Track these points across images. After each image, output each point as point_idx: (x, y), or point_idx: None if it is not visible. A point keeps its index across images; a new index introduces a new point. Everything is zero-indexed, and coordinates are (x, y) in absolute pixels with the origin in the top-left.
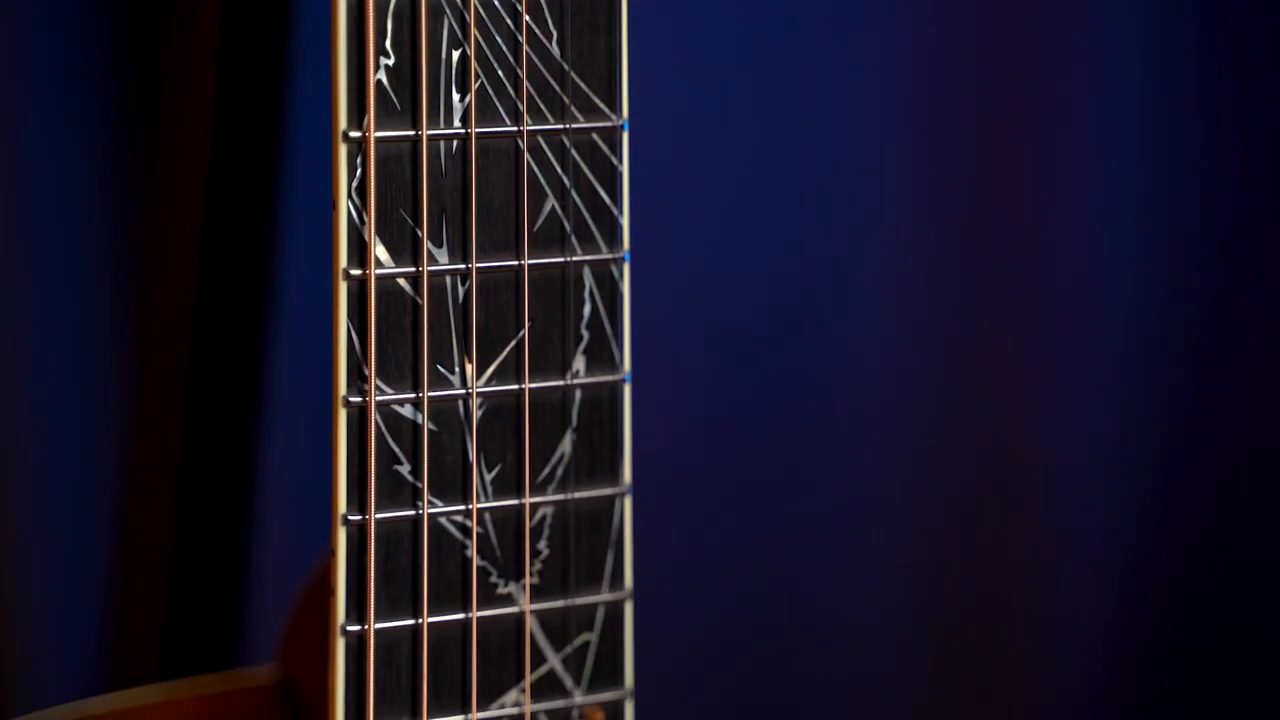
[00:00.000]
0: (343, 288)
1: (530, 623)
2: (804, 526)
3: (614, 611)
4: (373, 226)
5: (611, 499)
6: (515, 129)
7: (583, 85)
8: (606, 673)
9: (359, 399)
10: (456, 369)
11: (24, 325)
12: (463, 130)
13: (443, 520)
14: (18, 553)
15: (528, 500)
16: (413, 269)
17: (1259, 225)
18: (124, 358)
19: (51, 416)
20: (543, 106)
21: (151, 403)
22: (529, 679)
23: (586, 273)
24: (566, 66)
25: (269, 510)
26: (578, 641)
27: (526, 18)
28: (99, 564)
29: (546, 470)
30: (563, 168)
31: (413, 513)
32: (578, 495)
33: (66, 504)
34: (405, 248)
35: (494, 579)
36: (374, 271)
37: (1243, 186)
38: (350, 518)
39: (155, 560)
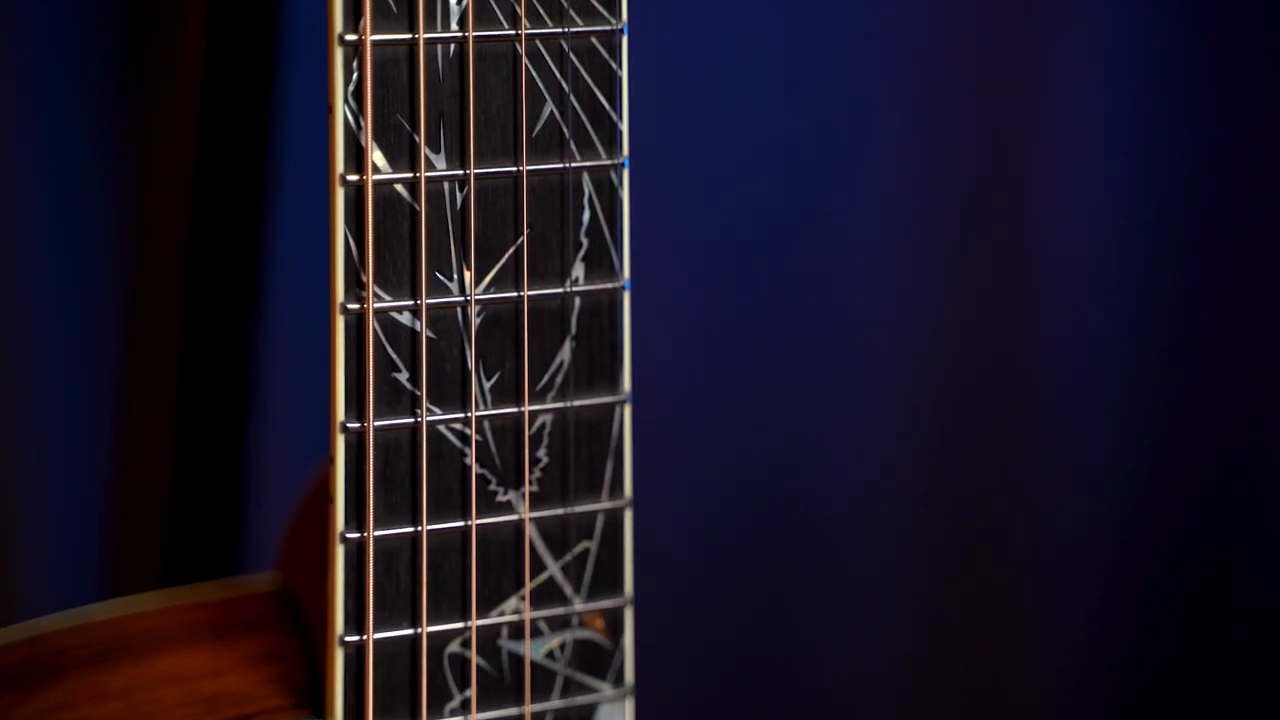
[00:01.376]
0: (339, 194)
1: (530, 530)
2: (804, 436)
3: (614, 520)
4: (369, 132)
5: (611, 407)
6: (513, 33)
7: None
8: (606, 581)
9: (357, 306)
10: (455, 276)
11: (21, 231)
12: (460, 34)
13: (441, 428)
14: (18, 462)
15: (527, 408)
16: (410, 175)
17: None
18: (121, 268)
19: (50, 326)
20: (541, 10)
21: (149, 312)
22: (528, 586)
23: (585, 179)
24: None
25: (268, 418)
26: (577, 549)
27: None
28: (99, 473)
29: (546, 378)
30: (561, 73)
31: (411, 420)
32: (577, 403)
33: (66, 414)
34: (402, 153)
35: (493, 487)
36: (371, 177)
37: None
38: (349, 425)
39: (155, 469)
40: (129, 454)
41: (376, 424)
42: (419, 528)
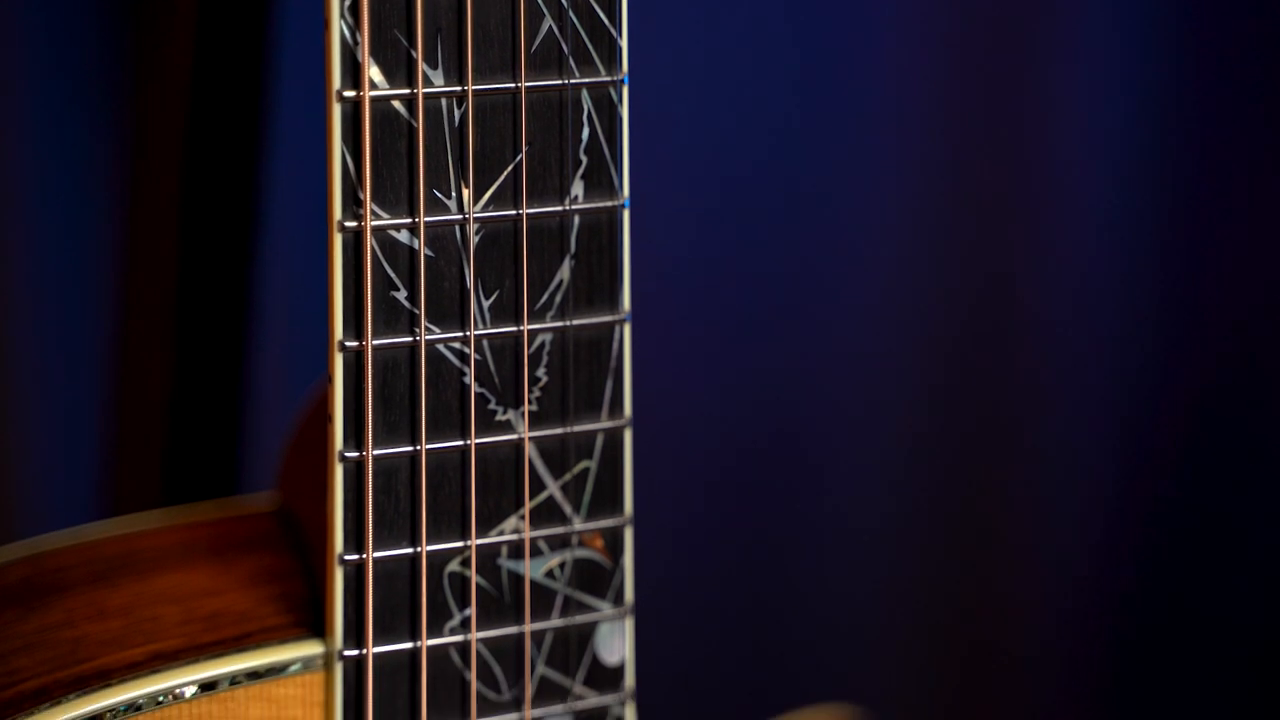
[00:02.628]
0: (336, 110)
1: (529, 450)
2: (804, 356)
3: (613, 439)
4: (366, 47)
5: (611, 326)
6: None
7: None
8: (606, 500)
9: (354, 224)
10: (453, 194)
11: (20, 145)
12: None
13: (440, 347)
14: (18, 383)
15: (526, 327)
16: (408, 91)
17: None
18: (118, 189)
19: (48, 246)
20: None
21: (147, 231)
22: (528, 506)
23: (585, 96)
24: None
25: (267, 338)
26: (577, 469)
27: None
28: (98, 393)
29: (545, 297)
30: None
31: (410, 339)
32: (576, 322)
33: (65, 333)
34: (400, 69)
35: (492, 406)
36: (368, 94)
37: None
38: (347, 344)
39: (154, 389)
40: (128, 374)
41: (375, 343)
42: (418, 447)
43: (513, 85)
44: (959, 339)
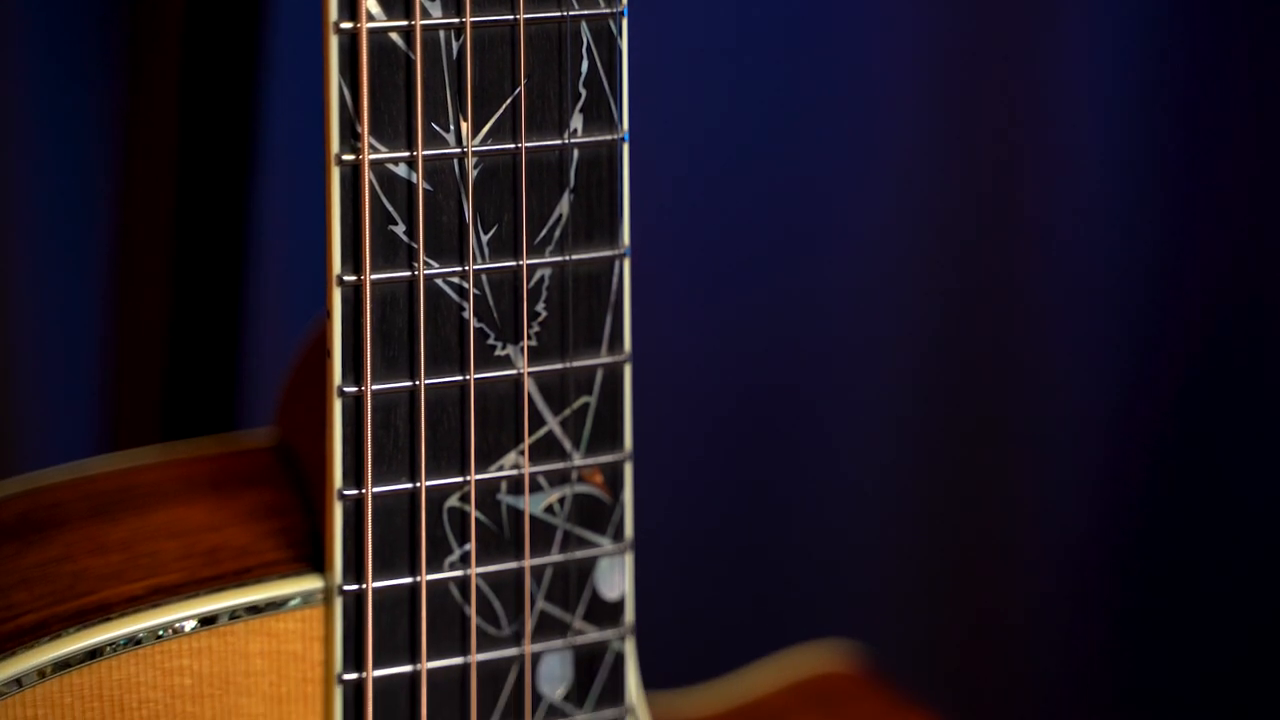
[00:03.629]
0: (333, 42)
1: (528, 385)
2: (805, 290)
3: (613, 374)
4: None
5: (610, 261)
6: None
7: None
8: (605, 435)
9: (352, 158)
10: (451, 127)
11: (16, 75)
12: None
13: (439, 282)
14: (15, 318)
15: (525, 262)
16: (405, 22)
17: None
18: (115, 124)
19: (44, 179)
20: None
21: (144, 166)
22: (527, 441)
23: (584, 28)
24: None
25: (265, 274)
26: (576, 404)
27: None
28: (98, 328)
29: (544, 231)
30: None
31: (408, 274)
32: (576, 257)
33: (62, 269)
34: (397, 0)
35: (491, 341)
36: (365, 25)
37: None
38: (345, 279)
39: (152, 325)
40: (126, 309)
41: (373, 277)
42: (416, 382)
43: (511, 17)
44: (962, 278)
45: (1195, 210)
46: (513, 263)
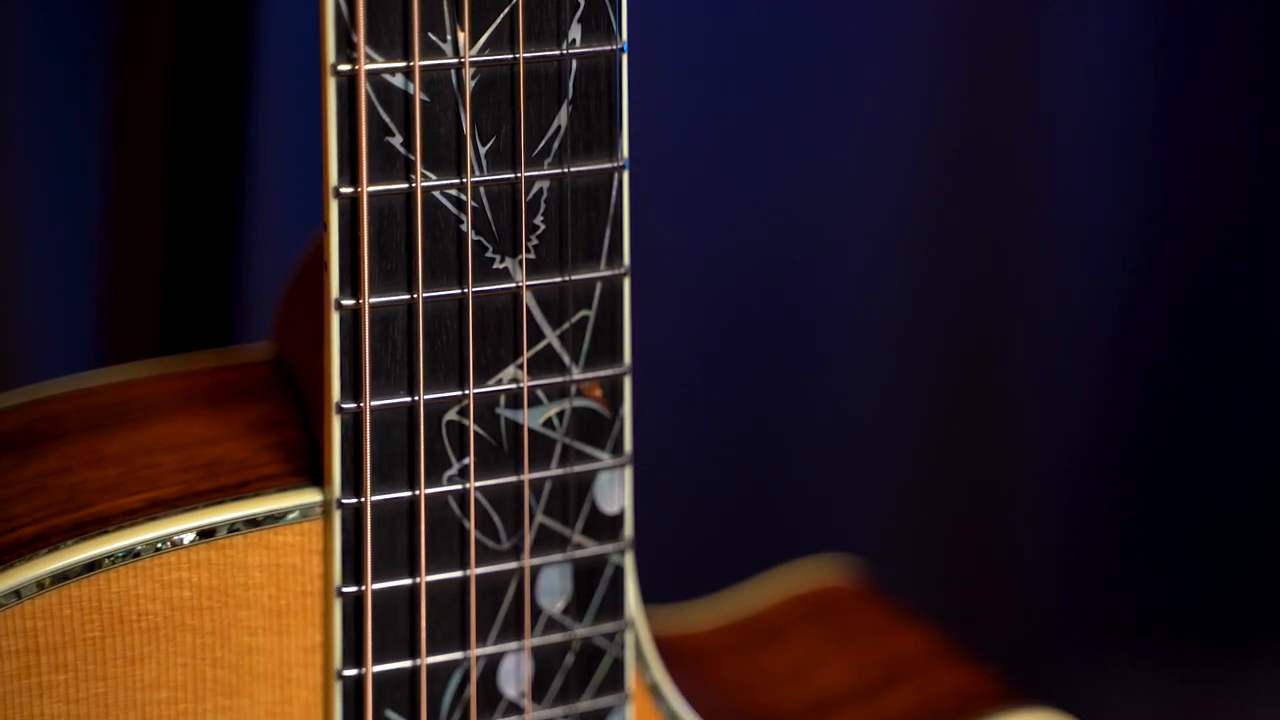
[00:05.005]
0: None
1: (527, 298)
2: (805, 200)
3: (612, 288)
4: None
5: (609, 173)
6: None
7: None
8: (604, 349)
9: (348, 68)
10: (448, 37)
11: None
12: None
13: (436, 194)
14: (12, 232)
15: (523, 174)
16: None
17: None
18: (110, 35)
19: (41, 95)
20: None
21: (138, 77)
22: (526, 355)
23: None
24: None
25: (262, 187)
26: (575, 318)
27: None
28: (95, 242)
29: (542, 144)
30: None
31: (406, 186)
32: (574, 169)
33: (60, 184)
34: None
35: (490, 254)
36: None
37: None
38: (342, 190)
39: (149, 239)
40: (123, 224)
41: (370, 189)
42: (414, 295)
43: None
44: (963, 199)
45: (1198, 119)
46: (511, 175)
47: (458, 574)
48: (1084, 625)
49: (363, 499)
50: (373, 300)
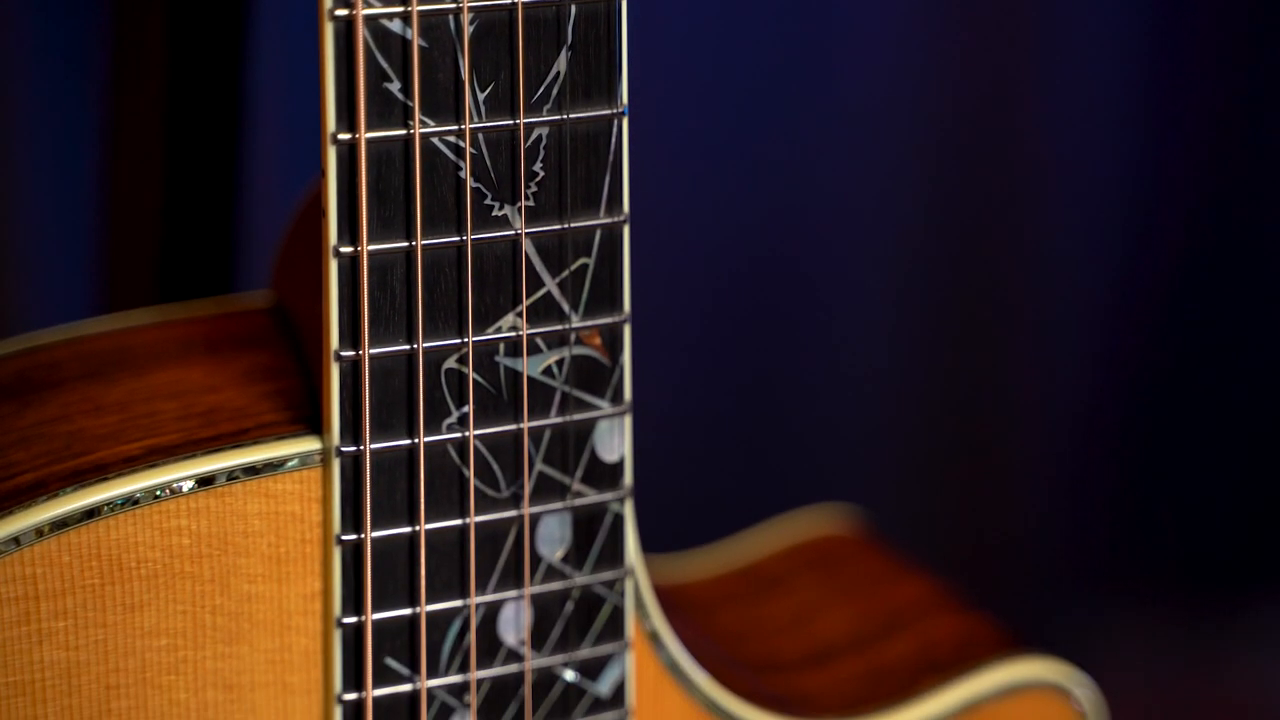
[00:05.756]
0: None
1: (526, 246)
2: (806, 145)
3: (611, 235)
4: None
5: (609, 120)
6: None
7: None
8: (604, 297)
9: (346, 12)
10: None
11: None
12: None
13: (435, 141)
14: (12, 177)
15: (522, 120)
16: None
17: None
18: None
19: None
20: None
21: (136, 22)
22: (525, 303)
23: None
24: None
25: (261, 134)
26: (575, 266)
27: None
28: (94, 190)
29: (541, 90)
30: None
31: (404, 132)
32: (574, 116)
33: (58, 132)
34: None
35: (489, 201)
36: None
37: None
38: (340, 137)
39: (148, 186)
40: (122, 170)
41: (368, 136)
42: (413, 242)
43: None
44: (962, 144)
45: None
46: (510, 122)
47: (457, 522)
48: (1082, 574)
49: (362, 447)
50: (371, 247)
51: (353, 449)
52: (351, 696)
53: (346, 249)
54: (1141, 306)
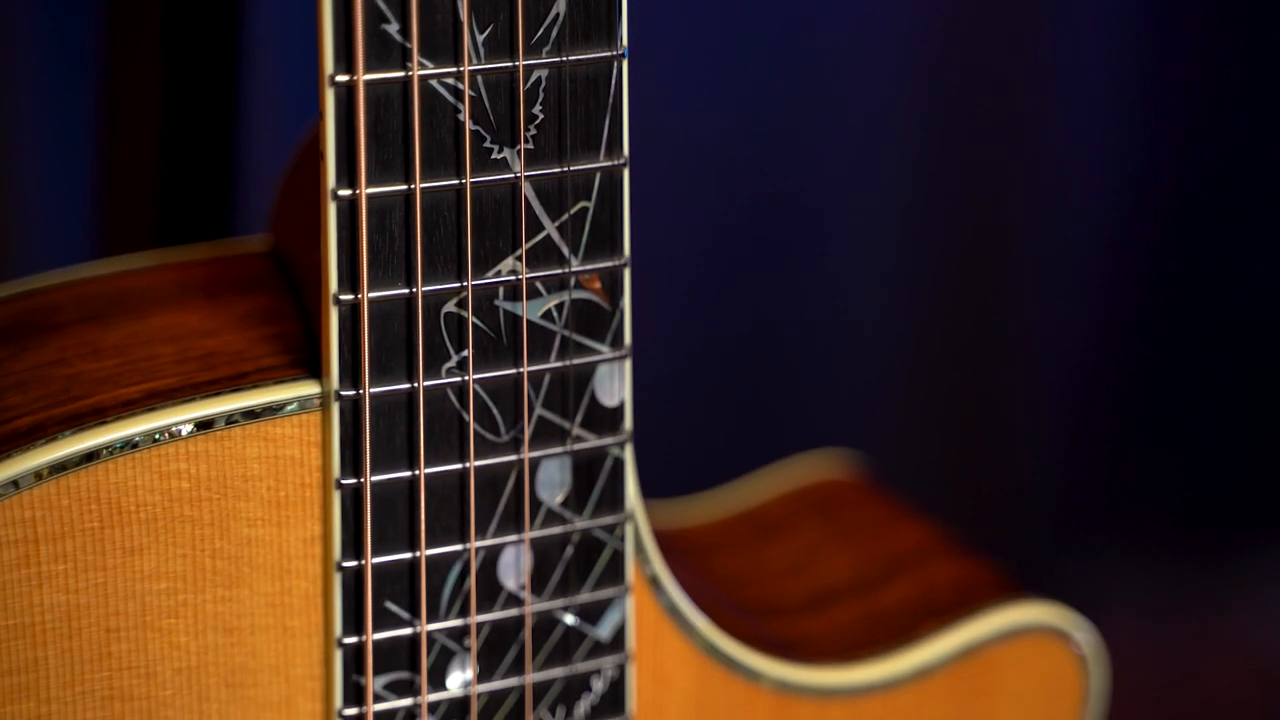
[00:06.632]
0: None
1: (526, 189)
2: (807, 96)
3: (611, 179)
4: None
5: (609, 62)
6: None
7: None
8: (603, 241)
9: None
10: None
11: None
12: None
13: (434, 83)
14: (9, 120)
15: (521, 62)
16: None
17: None
18: None
19: None
20: None
21: None
22: (525, 246)
23: None
24: None
25: (259, 77)
26: (574, 209)
27: None
28: (92, 133)
29: (540, 31)
30: None
31: (402, 74)
32: (573, 58)
33: (55, 73)
34: None
35: (488, 144)
36: None
37: None
38: (338, 79)
39: (146, 129)
40: (119, 113)
41: (366, 78)
42: (412, 185)
43: None
44: (964, 99)
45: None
46: (509, 64)
47: (457, 466)
48: (1082, 517)
49: (361, 391)
50: (369, 190)
51: (352, 393)
52: (351, 640)
53: (345, 192)
54: (1141, 250)
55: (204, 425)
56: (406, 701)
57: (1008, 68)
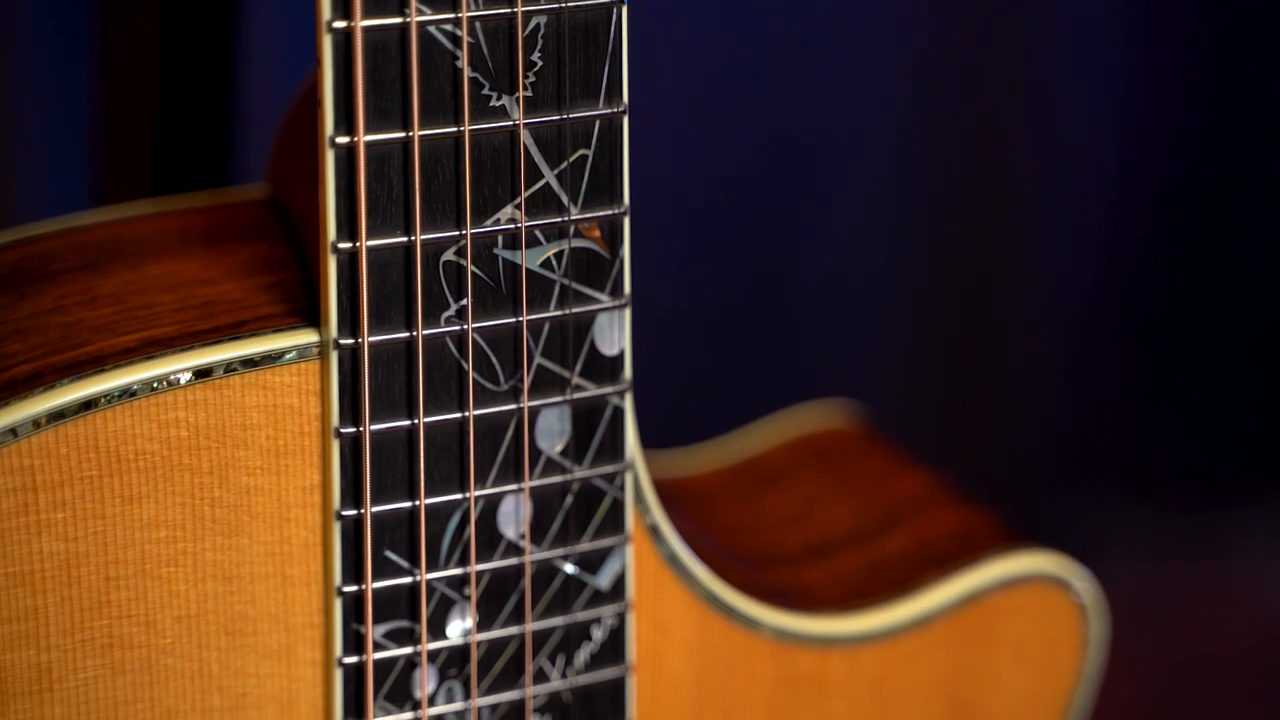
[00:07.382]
0: None
1: (524, 137)
2: (809, 45)
3: (610, 126)
4: None
5: (608, 8)
6: None
7: None
8: (603, 189)
9: None
10: None
11: None
12: None
13: (432, 29)
14: (7, 68)
15: (520, 9)
16: None
17: None
18: None
19: None
20: None
21: None
22: (524, 194)
23: None
24: None
25: (257, 25)
26: (574, 157)
27: None
28: (89, 81)
29: None
30: None
31: (400, 20)
32: (572, 4)
33: (53, 21)
34: None
35: (486, 91)
36: None
37: None
38: (334, 25)
39: (145, 77)
40: (117, 62)
41: (364, 24)
42: (410, 133)
43: None
44: (967, 47)
45: None
46: (507, 10)
47: (456, 415)
48: (1083, 467)
49: (360, 339)
50: (368, 138)
51: (350, 341)
52: (351, 589)
53: (343, 140)
54: (1143, 199)
55: (202, 374)
56: (406, 650)
57: (1016, 30)
